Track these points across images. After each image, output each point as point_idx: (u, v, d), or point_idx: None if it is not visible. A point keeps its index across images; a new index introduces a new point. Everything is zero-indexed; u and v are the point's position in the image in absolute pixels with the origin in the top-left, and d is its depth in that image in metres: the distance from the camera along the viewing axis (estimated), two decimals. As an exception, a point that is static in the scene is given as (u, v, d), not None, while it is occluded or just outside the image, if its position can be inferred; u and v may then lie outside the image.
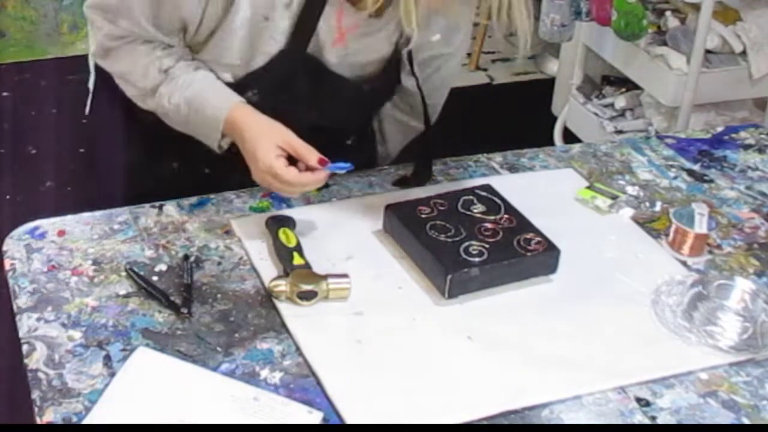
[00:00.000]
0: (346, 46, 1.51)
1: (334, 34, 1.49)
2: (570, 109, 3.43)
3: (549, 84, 3.76)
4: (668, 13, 3.07)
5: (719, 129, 1.90)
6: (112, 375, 1.22)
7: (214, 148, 1.50)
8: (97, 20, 1.51)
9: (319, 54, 1.51)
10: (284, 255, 1.41)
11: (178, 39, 1.50)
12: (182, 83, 1.48)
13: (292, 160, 1.43)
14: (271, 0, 1.43)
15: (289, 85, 1.52)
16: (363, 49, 1.53)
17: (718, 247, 1.54)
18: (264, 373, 1.24)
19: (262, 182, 1.44)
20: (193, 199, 1.56)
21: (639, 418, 1.22)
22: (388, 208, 1.49)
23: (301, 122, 1.46)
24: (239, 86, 1.50)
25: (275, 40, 1.47)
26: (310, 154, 1.41)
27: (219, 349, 1.28)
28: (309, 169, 1.42)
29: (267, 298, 1.37)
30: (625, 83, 3.27)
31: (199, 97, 1.47)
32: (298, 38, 1.47)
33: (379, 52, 1.56)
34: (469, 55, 4.01)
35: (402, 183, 1.63)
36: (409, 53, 1.58)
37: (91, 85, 1.69)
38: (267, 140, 1.42)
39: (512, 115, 3.66)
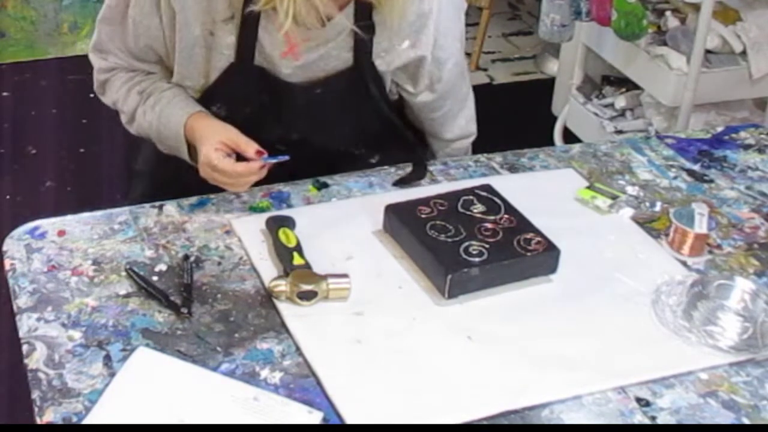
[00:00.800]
0: (298, 57, 1.54)
1: (283, 46, 1.53)
2: (570, 109, 3.42)
3: (549, 84, 3.75)
4: (668, 13, 3.07)
5: (719, 129, 1.90)
6: (112, 375, 1.22)
7: (189, 162, 1.57)
8: (93, 60, 1.65)
9: (271, 66, 1.55)
10: (284, 255, 1.41)
11: (159, 68, 1.63)
12: (153, 101, 1.59)
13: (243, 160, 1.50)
14: (212, 16, 1.50)
15: (248, 97, 1.58)
16: (319, 60, 1.56)
17: (718, 247, 1.54)
18: (264, 373, 1.24)
19: (206, 176, 1.51)
20: (193, 199, 1.56)
21: (639, 418, 1.22)
22: (388, 208, 1.49)
23: (270, 135, 1.54)
24: (204, 101, 1.60)
25: (223, 54, 1.54)
26: (248, 146, 1.49)
27: (219, 349, 1.28)
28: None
29: (267, 298, 1.37)
30: (625, 83, 3.27)
31: (165, 111, 1.59)
32: (244, 52, 1.53)
33: (339, 61, 1.57)
34: (469, 55, 4.01)
35: (400, 183, 1.64)
36: (371, 61, 1.59)
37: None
38: (211, 137, 1.51)
39: (512, 115, 3.65)
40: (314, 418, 1.18)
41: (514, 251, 1.41)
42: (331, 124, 1.64)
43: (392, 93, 1.67)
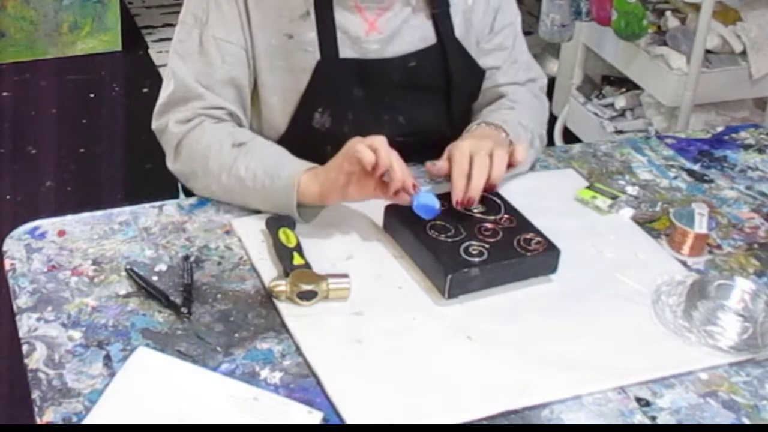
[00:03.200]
0: (381, 31, 1.57)
1: (365, 25, 1.57)
2: (570, 109, 3.43)
3: (549, 84, 3.74)
4: (668, 13, 3.07)
5: (719, 129, 1.90)
6: (112, 375, 1.22)
7: (292, 213, 1.48)
8: (164, 121, 1.57)
9: (358, 49, 1.57)
10: (284, 255, 1.41)
11: (238, 109, 1.57)
12: (259, 156, 1.50)
13: None
14: (287, 17, 1.53)
15: (346, 96, 1.58)
16: (400, 31, 1.59)
17: (718, 247, 1.54)
18: (264, 373, 1.24)
19: (347, 157, 1.40)
20: (193, 199, 1.57)
21: (639, 418, 1.22)
22: (388, 208, 1.49)
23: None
24: (306, 108, 1.57)
25: (308, 52, 1.55)
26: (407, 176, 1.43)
27: (219, 349, 1.28)
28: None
29: (267, 298, 1.37)
30: (625, 83, 3.28)
31: (276, 165, 1.49)
32: (328, 43, 1.54)
33: (423, 30, 1.61)
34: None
35: None
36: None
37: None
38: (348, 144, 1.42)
39: (512, 115, 3.65)
40: (314, 418, 1.18)
41: (514, 251, 1.41)
42: (431, 100, 1.65)
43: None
